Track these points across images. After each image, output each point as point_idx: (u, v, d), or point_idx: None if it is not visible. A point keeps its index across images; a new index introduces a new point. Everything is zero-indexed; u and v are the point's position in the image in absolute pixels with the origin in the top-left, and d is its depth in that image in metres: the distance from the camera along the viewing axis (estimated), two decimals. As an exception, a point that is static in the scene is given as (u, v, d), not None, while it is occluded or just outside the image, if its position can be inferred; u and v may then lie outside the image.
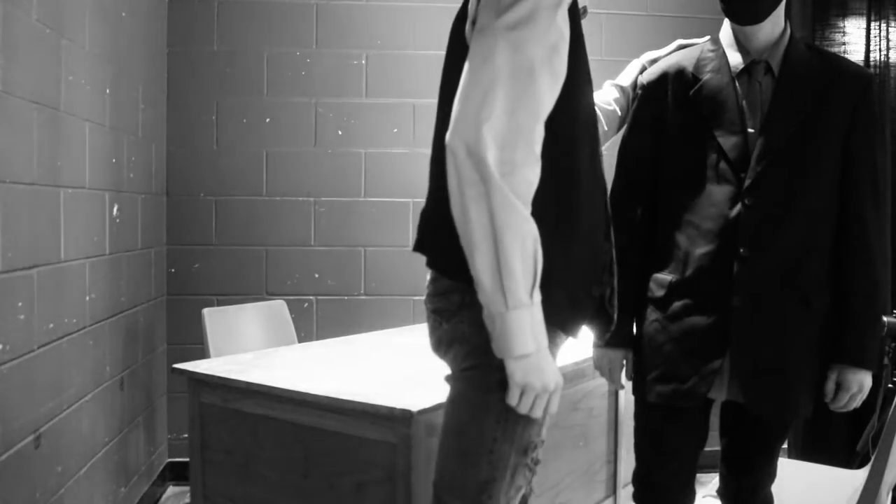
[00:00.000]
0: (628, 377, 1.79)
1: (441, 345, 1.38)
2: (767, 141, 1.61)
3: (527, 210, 1.18)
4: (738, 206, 1.61)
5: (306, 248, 3.58)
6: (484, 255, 1.17)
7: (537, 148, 1.20)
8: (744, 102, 1.64)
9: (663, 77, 1.73)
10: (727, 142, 1.62)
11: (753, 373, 1.63)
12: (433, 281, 1.38)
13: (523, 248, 1.17)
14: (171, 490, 3.49)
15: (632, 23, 3.66)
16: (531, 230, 1.18)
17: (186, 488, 3.22)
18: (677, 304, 1.66)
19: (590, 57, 1.35)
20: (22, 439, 1.98)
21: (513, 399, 1.23)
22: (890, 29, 3.41)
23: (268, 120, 3.55)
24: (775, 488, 1.86)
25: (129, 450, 2.96)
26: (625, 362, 1.78)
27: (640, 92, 1.78)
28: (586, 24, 1.36)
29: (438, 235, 1.30)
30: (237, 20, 3.53)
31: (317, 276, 3.58)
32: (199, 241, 3.53)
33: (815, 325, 1.65)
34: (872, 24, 3.41)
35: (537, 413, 1.24)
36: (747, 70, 1.66)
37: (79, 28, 2.41)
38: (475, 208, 1.16)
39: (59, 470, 2.23)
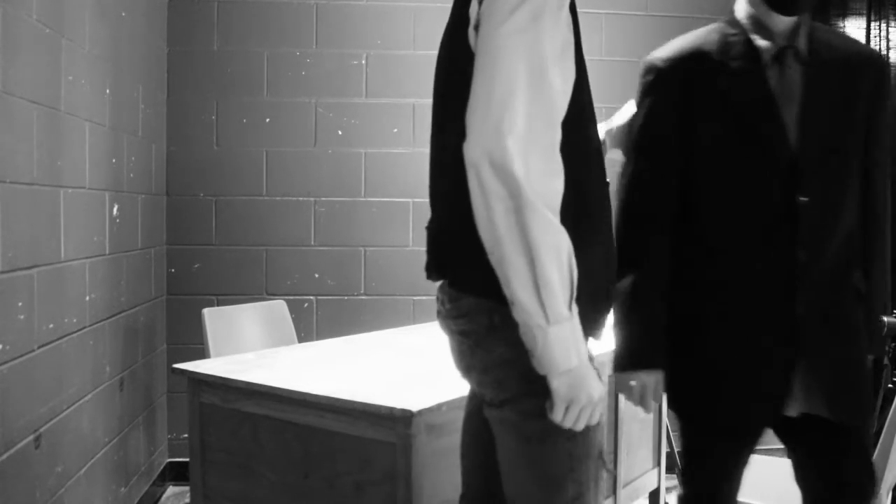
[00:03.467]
0: (657, 400, 1.64)
1: (473, 370, 1.31)
2: (813, 133, 1.50)
3: (558, 220, 1.14)
4: (790, 206, 1.48)
5: (306, 248, 3.58)
6: (519, 271, 1.12)
7: (559, 153, 1.16)
8: (779, 92, 1.51)
9: (679, 60, 1.59)
10: (770, 136, 1.50)
11: (833, 382, 1.51)
12: (453, 300, 1.30)
13: (559, 260, 1.13)
14: (171, 490, 3.49)
15: (632, 23, 3.66)
16: (565, 241, 1.14)
17: (186, 488, 3.22)
18: (733, 316, 1.53)
19: (589, 57, 1.35)
20: (22, 439, 1.98)
21: (558, 415, 1.18)
22: (890, 29, 3.41)
23: (268, 120, 3.55)
24: (775, 488, 1.86)
25: (129, 450, 2.96)
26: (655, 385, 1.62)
27: (650, 76, 1.62)
28: (585, 24, 1.36)
29: (461, 254, 1.25)
30: (237, 20, 3.53)
31: (317, 276, 3.58)
32: (199, 241, 3.53)
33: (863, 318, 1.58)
34: (872, 24, 3.41)
35: (580, 426, 1.20)
36: (777, 57, 1.53)
37: (79, 28, 2.41)
38: (505, 224, 1.11)
39: (59, 470, 2.23)
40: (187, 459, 2.20)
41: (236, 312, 3.01)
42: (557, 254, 1.13)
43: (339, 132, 3.58)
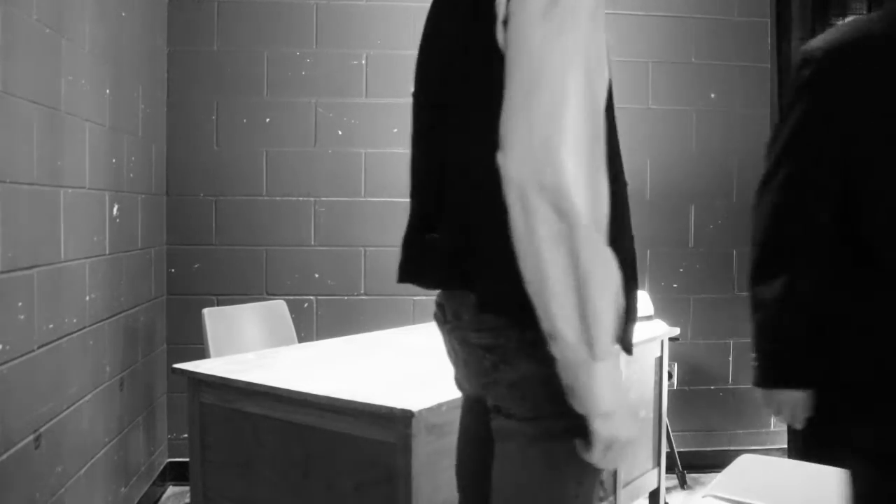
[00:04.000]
0: (808, 413, 1.47)
1: (496, 385, 1.18)
2: None
3: (608, 246, 1.04)
4: None
5: (306, 248, 3.58)
6: (565, 304, 1.02)
7: (605, 171, 1.05)
8: None
9: (842, 51, 1.39)
10: None
11: None
12: (476, 314, 1.18)
13: (611, 292, 1.03)
14: (171, 490, 3.49)
15: (632, 23, 3.66)
16: (616, 270, 1.04)
17: (186, 488, 3.22)
18: None
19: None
20: (22, 439, 1.98)
21: (596, 457, 1.10)
22: (890, 29, 3.41)
23: (268, 120, 3.55)
24: (774, 488, 1.85)
25: (129, 450, 2.96)
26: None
27: (807, 70, 1.42)
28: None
29: (488, 271, 1.14)
30: (237, 20, 3.53)
31: (317, 276, 3.58)
32: (199, 241, 3.53)
33: None
34: (872, 24, 3.41)
35: (615, 466, 1.14)
36: None
37: (79, 28, 2.41)
38: (553, 252, 1.00)
39: (59, 470, 2.23)
40: (187, 459, 2.20)
41: (236, 312, 3.01)
42: (610, 285, 1.03)
43: (339, 132, 3.58)
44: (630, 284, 1.16)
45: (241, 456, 2.02)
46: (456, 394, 1.80)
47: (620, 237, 1.15)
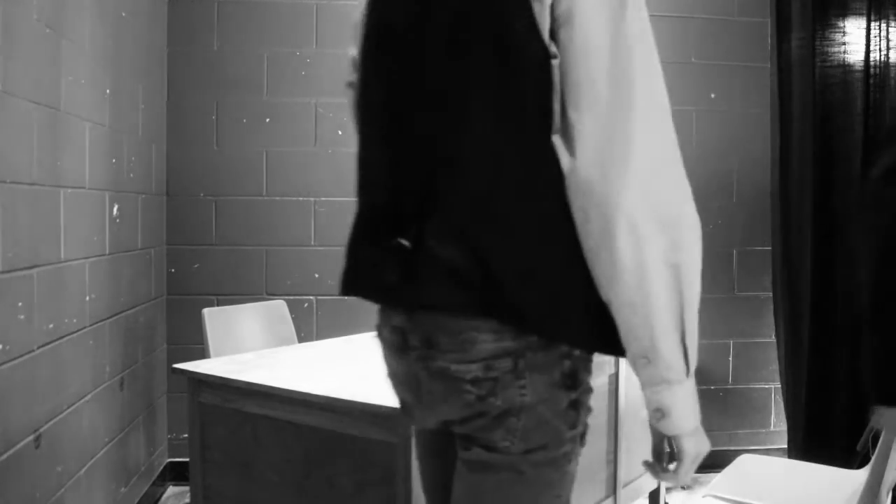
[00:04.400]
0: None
1: (480, 418, 1.09)
2: None
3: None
4: None
5: (306, 248, 3.58)
6: (669, 326, 1.03)
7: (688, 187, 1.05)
8: None
9: None
10: None
11: None
12: (467, 343, 1.06)
13: (696, 311, 1.06)
14: (171, 490, 3.49)
15: (632, 23, 3.65)
16: (699, 290, 1.07)
17: (186, 488, 3.22)
18: None
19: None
20: (22, 439, 1.98)
21: (683, 474, 1.09)
22: (890, 29, 3.41)
23: (268, 120, 3.55)
24: (774, 488, 1.86)
25: (129, 450, 2.96)
26: None
27: None
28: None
29: (536, 292, 1.04)
30: (237, 20, 3.53)
31: (317, 276, 3.58)
32: (199, 241, 3.53)
33: None
34: (872, 24, 3.41)
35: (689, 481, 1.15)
36: None
37: (79, 28, 2.41)
38: (662, 274, 1.01)
39: (59, 470, 2.23)
40: (187, 459, 2.20)
41: (236, 312, 3.01)
42: (696, 304, 1.06)
43: (339, 132, 3.58)
44: None
45: (241, 456, 2.02)
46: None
47: None
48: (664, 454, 1.12)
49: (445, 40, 1.07)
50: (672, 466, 1.11)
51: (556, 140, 1.03)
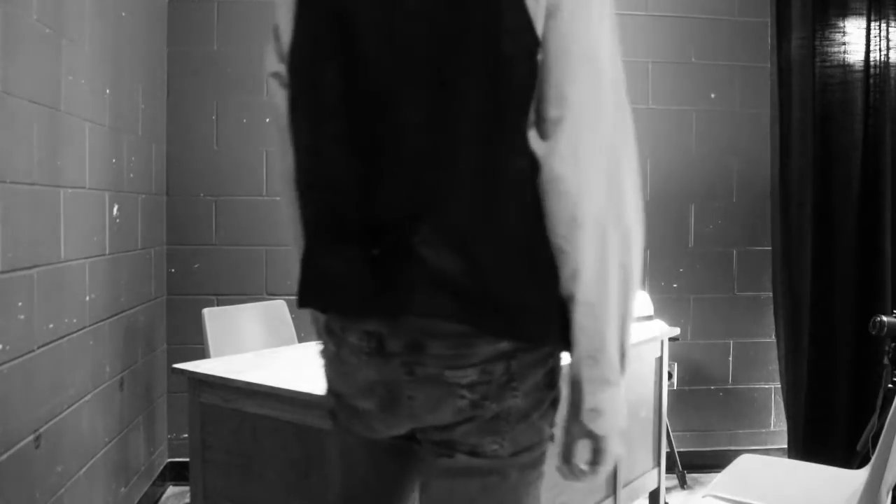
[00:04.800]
0: None
1: (470, 423, 1.07)
2: None
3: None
4: None
5: (306, 248, 3.57)
6: (614, 328, 1.05)
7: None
8: None
9: None
10: None
11: None
12: (461, 346, 1.03)
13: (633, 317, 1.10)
14: (171, 490, 3.49)
15: (632, 23, 3.66)
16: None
17: (186, 488, 3.22)
18: None
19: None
20: (22, 439, 1.98)
21: (603, 473, 1.13)
22: (890, 29, 3.41)
23: (268, 120, 3.55)
24: (774, 488, 1.86)
25: (129, 450, 2.96)
26: None
27: None
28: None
29: (529, 298, 1.05)
30: (237, 20, 3.53)
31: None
32: (199, 241, 3.53)
33: None
34: (872, 24, 3.41)
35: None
36: None
37: (79, 28, 2.41)
38: (617, 280, 1.04)
39: (59, 470, 2.23)
40: (187, 459, 2.20)
41: (236, 312, 3.01)
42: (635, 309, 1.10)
43: (339, 132, 3.58)
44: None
45: (241, 456, 2.02)
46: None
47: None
48: (572, 454, 1.13)
49: (426, 33, 1.01)
50: (585, 466, 1.13)
51: (532, 134, 1.02)
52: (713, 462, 3.52)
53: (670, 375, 3.57)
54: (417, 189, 1.02)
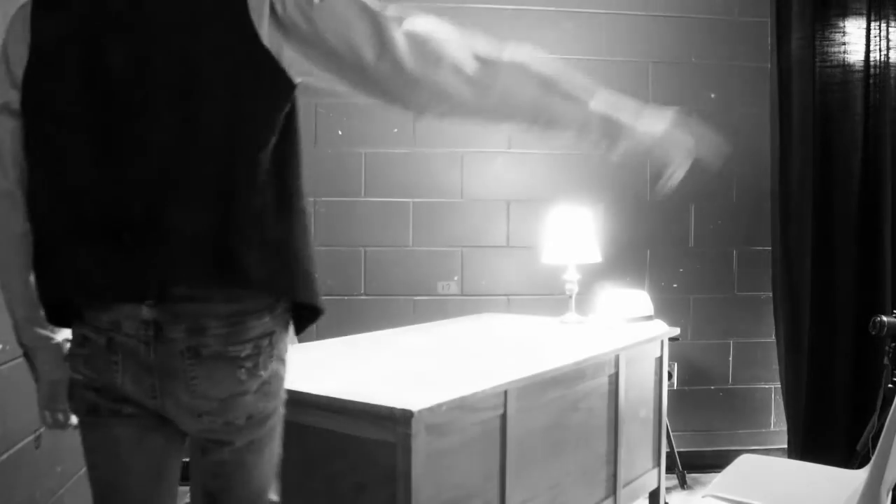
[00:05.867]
0: None
1: (237, 397, 1.26)
2: None
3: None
4: None
5: (306, 248, 3.58)
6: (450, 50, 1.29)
7: None
8: None
9: None
10: None
11: None
12: (235, 324, 1.21)
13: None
14: (171, 490, 3.48)
15: (632, 23, 3.65)
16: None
17: (186, 488, 3.21)
18: None
19: (589, 57, 1.36)
20: (22, 439, 1.98)
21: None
22: (890, 29, 3.41)
23: None
24: (774, 488, 1.86)
25: (129, 450, 2.96)
26: None
27: None
28: (585, 24, 1.36)
29: (264, 253, 1.26)
30: None
31: (316, 275, 3.57)
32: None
33: None
34: (872, 24, 3.41)
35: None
36: None
37: None
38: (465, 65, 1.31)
39: (59, 470, 2.23)
40: (187, 459, 2.20)
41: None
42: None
43: (339, 132, 3.58)
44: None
45: (241, 456, 2.01)
46: (455, 394, 1.80)
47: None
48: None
49: (188, 52, 1.15)
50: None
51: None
52: (713, 462, 3.52)
53: (670, 375, 3.57)
54: (163, 179, 1.15)
